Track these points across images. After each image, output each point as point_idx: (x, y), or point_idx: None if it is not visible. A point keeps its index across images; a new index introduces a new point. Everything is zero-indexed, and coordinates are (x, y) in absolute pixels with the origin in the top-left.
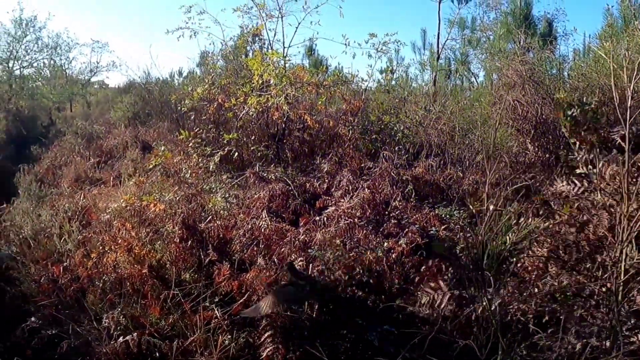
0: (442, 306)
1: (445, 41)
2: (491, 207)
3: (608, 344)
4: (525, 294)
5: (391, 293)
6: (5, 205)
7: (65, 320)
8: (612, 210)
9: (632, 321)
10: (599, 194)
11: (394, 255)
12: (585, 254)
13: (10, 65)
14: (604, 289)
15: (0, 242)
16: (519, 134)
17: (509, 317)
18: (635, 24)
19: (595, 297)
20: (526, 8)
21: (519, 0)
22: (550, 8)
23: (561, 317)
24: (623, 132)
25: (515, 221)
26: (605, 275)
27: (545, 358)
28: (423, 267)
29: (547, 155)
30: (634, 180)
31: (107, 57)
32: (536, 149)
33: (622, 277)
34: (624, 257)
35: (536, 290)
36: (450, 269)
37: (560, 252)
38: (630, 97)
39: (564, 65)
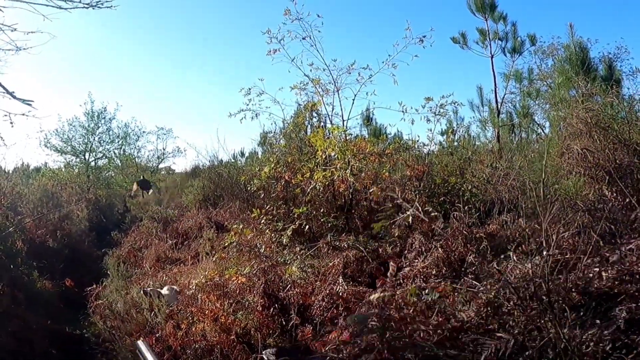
0: None
1: (504, 95)
2: None
3: None
4: None
5: None
6: (96, 285)
7: None
8: None
9: None
10: None
11: None
12: None
13: (87, 156)
14: None
15: (97, 319)
16: (594, 181)
17: None
18: None
19: None
20: (582, 52)
21: (573, 46)
22: (611, 47)
23: None
24: None
25: None
26: None
27: None
28: None
29: (627, 200)
30: None
31: (171, 143)
32: (614, 194)
33: None
34: None
35: None
36: None
37: None
38: None
39: (633, 106)
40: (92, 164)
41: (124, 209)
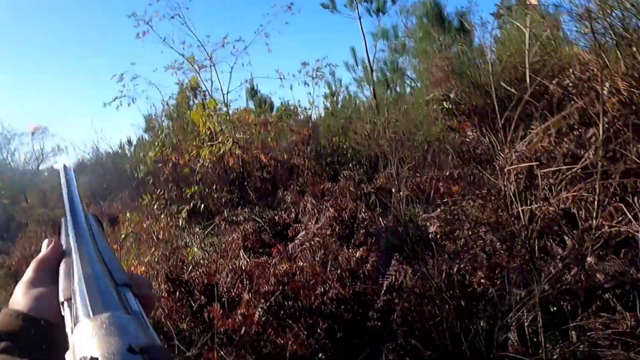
0: None
1: (375, 54)
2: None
3: None
4: None
5: None
6: None
7: None
8: None
9: None
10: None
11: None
12: None
13: None
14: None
15: None
16: (458, 124)
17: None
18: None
19: None
20: (437, 8)
21: (429, 2)
22: (464, 2)
23: None
24: None
25: None
26: None
27: None
28: None
29: (487, 139)
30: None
31: (49, 142)
32: (476, 135)
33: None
34: None
35: None
36: None
37: None
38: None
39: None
40: None
41: (8, 217)
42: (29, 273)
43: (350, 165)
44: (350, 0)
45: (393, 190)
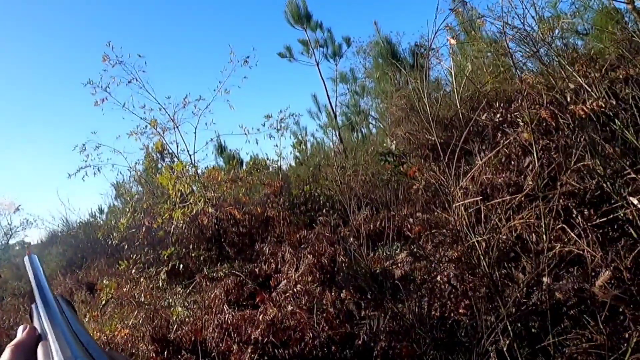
0: None
1: (336, 98)
2: None
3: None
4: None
5: None
6: None
7: None
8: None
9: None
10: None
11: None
12: None
13: None
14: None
15: None
16: (423, 160)
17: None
18: (473, 35)
19: None
20: (389, 46)
21: (381, 42)
22: (416, 37)
23: None
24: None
25: None
26: None
27: None
28: None
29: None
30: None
31: (17, 217)
32: (441, 170)
33: None
34: None
35: None
36: None
37: None
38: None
39: (442, 86)
40: None
41: None
42: (5, 357)
43: (324, 211)
44: (306, 47)
45: (349, 236)
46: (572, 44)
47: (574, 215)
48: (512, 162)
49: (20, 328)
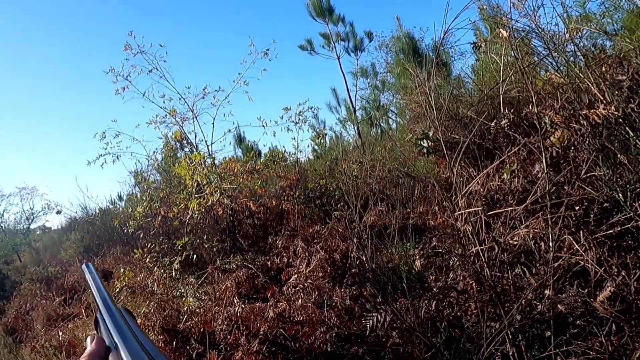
0: None
1: (356, 92)
2: None
3: None
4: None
5: None
6: None
7: None
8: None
9: None
10: None
11: None
12: None
13: None
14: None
15: None
16: (441, 158)
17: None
18: (496, 32)
19: None
20: (411, 42)
21: (403, 37)
22: (440, 33)
23: None
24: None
25: None
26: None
27: None
28: None
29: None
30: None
31: (39, 201)
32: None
33: None
34: None
35: None
36: None
37: None
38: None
39: (463, 83)
40: None
41: (2, 277)
42: None
43: (339, 206)
44: (328, 41)
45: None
46: (600, 45)
47: (581, 226)
48: (524, 169)
49: (89, 338)
